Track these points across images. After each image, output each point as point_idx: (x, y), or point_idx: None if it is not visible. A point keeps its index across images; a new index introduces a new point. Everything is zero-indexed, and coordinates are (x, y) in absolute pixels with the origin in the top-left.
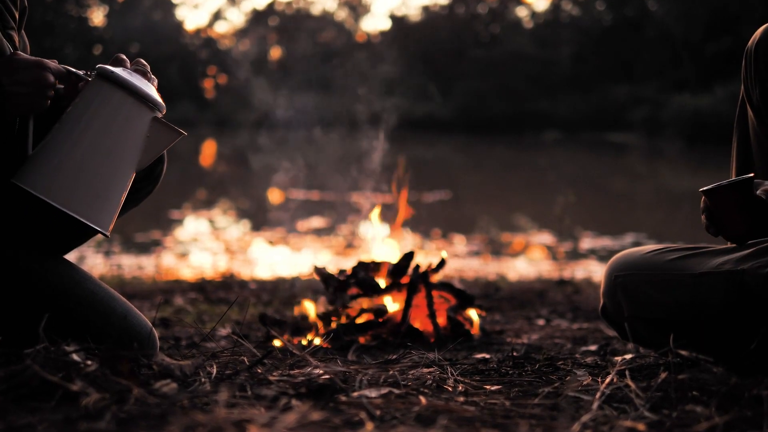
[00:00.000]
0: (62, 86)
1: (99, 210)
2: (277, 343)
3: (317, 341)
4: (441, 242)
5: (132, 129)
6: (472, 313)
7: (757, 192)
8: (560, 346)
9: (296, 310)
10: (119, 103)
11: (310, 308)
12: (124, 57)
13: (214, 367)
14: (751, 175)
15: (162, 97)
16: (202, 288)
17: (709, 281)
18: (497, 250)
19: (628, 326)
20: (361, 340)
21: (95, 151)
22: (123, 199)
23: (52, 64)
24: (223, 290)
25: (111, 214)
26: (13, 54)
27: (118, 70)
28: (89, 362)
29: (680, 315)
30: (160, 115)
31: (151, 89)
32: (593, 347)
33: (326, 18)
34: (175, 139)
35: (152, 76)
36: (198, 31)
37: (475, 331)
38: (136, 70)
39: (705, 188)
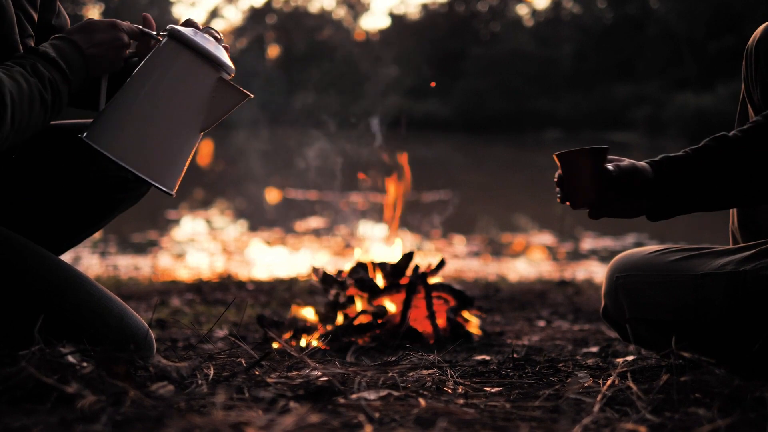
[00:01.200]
0: (133, 49)
1: (162, 169)
2: (275, 344)
3: (315, 343)
4: (440, 242)
5: (197, 88)
6: (472, 315)
7: (608, 165)
8: (561, 348)
9: (294, 312)
10: (185, 62)
11: (308, 310)
12: (194, 21)
13: (211, 369)
14: (606, 147)
15: None
16: (199, 289)
17: (711, 283)
18: (497, 250)
19: (629, 328)
20: (360, 341)
21: (160, 110)
22: (189, 159)
23: (126, 24)
24: (220, 291)
25: (175, 174)
26: (89, 18)
27: (187, 31)
28: (85, 364)
29: (682, 316)
30: (227, 77)
31: (219, 51)
32: (594, 349)
33: (324, 16)
34: (241, 100)
35: (222, 39)
36: None
37: (475, 332)
38: (205, 32)
39: (559, 152)
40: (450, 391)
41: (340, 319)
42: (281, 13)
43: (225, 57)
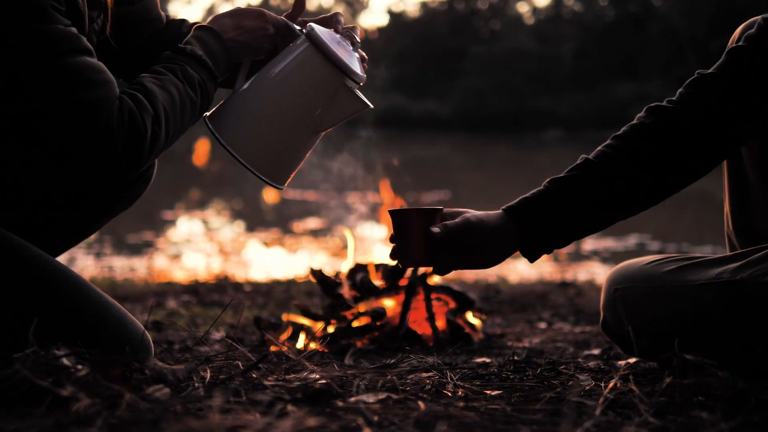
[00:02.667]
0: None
1: (271, 164)
2: (272, 347)
3: (313, 345)
4: None
5: (319, 92)
6: (472, 317)
7: (433, 227)
8: (562, 350)
9: (291, 315)
10: (314, 65)
11: (305, 313)
12: (340, 19)
13: (208, 371)
14: (440, 208)
15: None
16: (196, 290)
17: (708, 293)
18: None
19: (633, 338)
20: (359, 343)
21: (280, 107)
22: (303, 158)
23: (272, 15)
24: (217, 293)
25: (284, 170)
26: (239, 7)
27: (324, 33)
28: (80, 367)
29: (682, 326)
30: (352, 85)
31: (351, 58)
32: (596, 351)
33: (322, 14)
34: (361, 109)
35: (359, 43)
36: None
37: (476, 334)
38: (345, 35)
39: (392, 209)
40: (450, 394)
41: (338, 321)
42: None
43: (355, 65)
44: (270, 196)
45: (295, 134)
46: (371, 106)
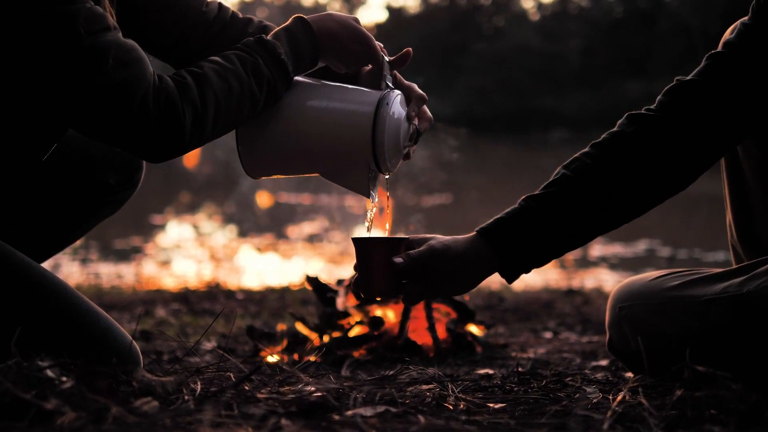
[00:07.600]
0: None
1: (261, 163)
2: (265, 358)
3: (309, 356)
4: None
5: (344, 150)
6: (474, 329)
7: (396, 258)
8: (569, 361)
9: (285, 324)
10: (359, 128)
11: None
12: (419, 104)
13: (198, 383)
14: (407, 237)
15: None
16: (186, 298)
17: (716, 308)
18: None
19: (644, 355)
20: (356, 354)
21: (305, 132)
22: (288, 176)
23: (376, 49)
24: (207, 301)
25: (267, 172)
26: (356, 20)
27: (393, 111)
28: (65, 379)
29: (689, 344)
30: (374, 168)
31: (394, 149)
32: (604, 362)
33: (318, 9)
34: (360, 194)
35: (420, 134)
36: None
37: (478, 344)
38: (413, 124)
39: (355, 237)
40: (451, 407)
41: (334, 330)
42: (273, 7)
43: (393, 157)
44: (263, 200)
45: (298, 162)
46: (370, 199)
